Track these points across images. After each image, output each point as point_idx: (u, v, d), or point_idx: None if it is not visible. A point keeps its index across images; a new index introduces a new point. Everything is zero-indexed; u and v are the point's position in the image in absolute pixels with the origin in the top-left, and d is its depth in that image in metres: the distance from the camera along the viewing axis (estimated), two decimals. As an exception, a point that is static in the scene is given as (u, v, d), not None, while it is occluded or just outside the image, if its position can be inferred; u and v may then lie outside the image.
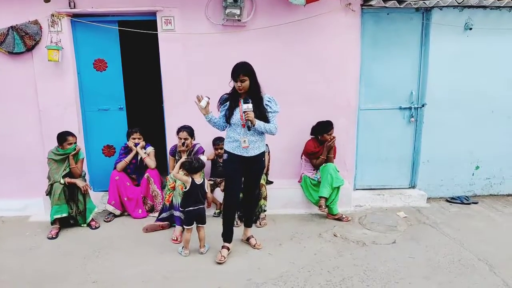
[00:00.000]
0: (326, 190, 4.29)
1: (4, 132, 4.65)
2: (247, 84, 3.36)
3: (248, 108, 3.29)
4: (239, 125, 3.40)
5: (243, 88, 3.36)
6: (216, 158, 4.64)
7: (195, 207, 3.60)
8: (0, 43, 4.38)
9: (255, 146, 3.45)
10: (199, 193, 3.62)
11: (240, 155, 3.44)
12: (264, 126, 3.40)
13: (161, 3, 4.41)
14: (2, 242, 4.01)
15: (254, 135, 3.42)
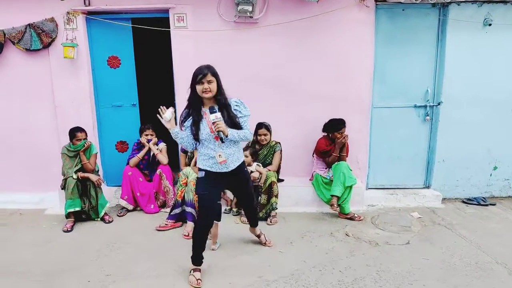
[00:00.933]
0: (338, 188, 4.25)
1: (21, 127, 4.75)
2: (214, 86, 2.93)
3: (217, 117, 2.86)
4: (211, 140, 2.97)
5: (211, 90, 2.91)
6: None
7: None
8: (18, 41, 4.47)
9: (234, 158, 3.07)
10: None
11: (220, 171, 3.03)
12: (238, 134, 2.99)
13: (174, 1, 4.43)
14: (20, 234, 4.10)
15: (230, 146, 3.03)
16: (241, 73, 4.60)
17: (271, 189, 4.21)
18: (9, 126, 4.75)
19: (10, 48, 4.56)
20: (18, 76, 4.64)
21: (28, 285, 3.16)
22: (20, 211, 4.69)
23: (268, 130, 4.40)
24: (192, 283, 3.09)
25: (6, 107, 4.70)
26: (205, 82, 2.90)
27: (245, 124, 3.08)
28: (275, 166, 4.41)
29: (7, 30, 4.46)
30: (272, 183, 4.21)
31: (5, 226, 4.30)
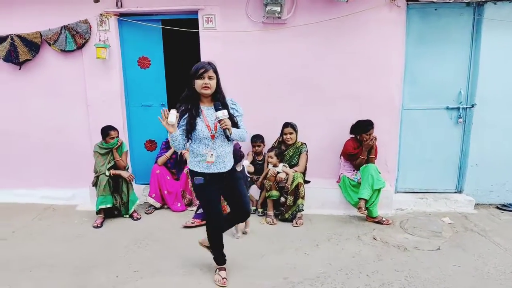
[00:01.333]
0: (366, 191, 4.18)
1: (56, 125, 4.92)
2: (214, 83, 2.82)
3: (225, 115, 2.72)
4: (208, 138, 2.83)
5: (211, 87, 2.80)
6: (253, 156, 4.66)
7: None
8: (54, 42, 4.64)
9: (230, 158, 2.97)
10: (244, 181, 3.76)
11: (219, 172, 2.90)
12: (238, 133, 2.88)
13: (203, 2, 4.48)
14: (53, 229, 4.25)
15: (227, 145, 2.91)
16: (268, 74, 4.60)
17: (298, 190, 4.19)
18: (45, 125, 4.93)
19: (46, 49, 4.73)
20: (53, 76, 4.81)
21: (60, 278, 3.27)
22: (53, 207, 4.86)
23: (294, 129, 4.38)
24: (218, 282, 3.11)
25: (42, 106, 4.88)
26: (206, 77, 2.78)
27: (241, 124, 2.97)
28: (301, 167, 4.38)
29: (43, 31, 4.63)
30: (299, 184, 4.18)
31: (40, 220, 4.47)
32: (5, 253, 3.70)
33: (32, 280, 3.23)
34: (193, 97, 2.86)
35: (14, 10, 4.65)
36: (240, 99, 4.55)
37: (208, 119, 2.83)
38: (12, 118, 4.95)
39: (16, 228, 4.23)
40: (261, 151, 4.65)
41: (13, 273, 3.34)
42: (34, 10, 4.63)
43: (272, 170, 4.26)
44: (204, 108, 2.87)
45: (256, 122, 4.65)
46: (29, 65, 4.78)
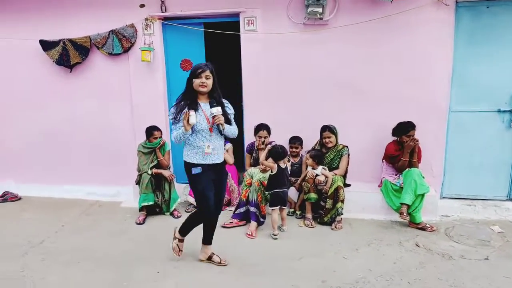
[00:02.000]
0: (408, 196, 4.04)
1: (103, 125, 5.15)
2: (211, 82, 3.09)
3: (219, 111, 3.02)
4: (206, 131, 3.08)
5: (207, 86, 3.07)
6: (290, 158, 4.63)
7: (280, 189, 3.92)
8: (102, 46, 4.86)
9: (221, 151, 3.25)
10: (285, 176, 3.94)
11: (214, 163, 3.16)
12: (229, 129, 3.17)
13: (245, 5, 4.53)
14: (99, 224, 4.45)
15: (220, 140, 3.19)
16: (309, 75, 4.58)
17: (337, 193, 4.12)
18: (93, 124, 5.17)
19: (95, 53, 4.97)
20: (101, 78, 5.04)
21: (104, 270, 3.42)
22: (99, 203, 5.09)
23: (333, 132, 4.31)
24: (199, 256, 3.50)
25: (90, 107, 5.13)
26: (203, 76, 3.05)
27: (233, 121, 3.27)
28: (342, 171, 4.30)
29: (92, 36, 4.87)
30: (339, 187, 4.11)
31: (87, 215, 4.69)
32: (55, 245, 3.92)
33: (80, 271, 3.39)
34: (191, 94, 3.13)
35: (67, 16, 4.92)
36: (280, 101, 4.66)
37: (207, 114, 3.09)
38: (63, 118, 5.23)
39: (65, 222, 4.47)
40: (298, 153, 4.62)
41: (63, 264, 3.53)
42: (85, 15, 4.88)
43: (311, 172, 4.22)
44: (202, 104, 3.14)
45: (296, 124, 4.66)
46: (79, 68, 5.04)
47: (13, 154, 5.48)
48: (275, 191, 3.95)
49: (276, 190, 3.95)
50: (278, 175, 3.95)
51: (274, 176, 3.96)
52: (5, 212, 4.84)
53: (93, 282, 3.24)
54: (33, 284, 3.23)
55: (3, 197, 5.23)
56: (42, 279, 3.29)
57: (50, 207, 4.97)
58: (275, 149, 3.98)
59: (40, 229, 4.29)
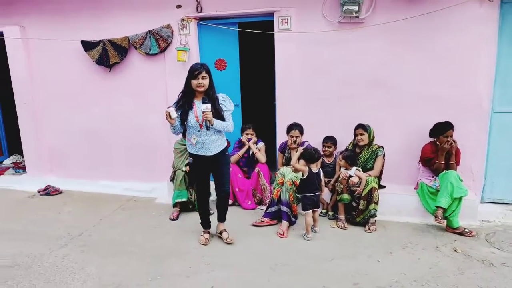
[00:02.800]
0: (444, 199, 3.89)
1: (139, 123, 5.30)
2: (207, 82, 3.40)
3: (207, 108, 3.32)
4: (197, 127, 3.45)
5: (204, 86, 3.39)
6: (323, 159, 4.58)
7: (312, 194, 3.85)
8: (140, 46, 5.00)
9: (217, 144, 3.54)
10: (316, 181, 3.86)
11: (205, 155, 3.53)
12: (221, 124, 3.46)
13: (279, 4, 4.52)
14: (134, 219, 4.58)
15: (215, 134, 3.50)
16: (343, 74, 4.51)
17: (371, 195, 4.03)
18: (130, 122, 5.34)
19: (132, 53, 5.13)
20: (138, 78, 5.19)
21: (139, 264, 3.52)
22: (134, 198, 5.23)
23: (366, 130, 4.21)
24: (201, 241, 3.85)
25: (128, 105, 5.30)
26: (200, 78, 3.35)
27: (228, 117, 3.55)
28: (376, 172, 4.20)
29: (131, 36, 5.02)
30: (373, 189, 4.03)
31: (123, 210, 4.84)
32: (93, 238, 4.07)
33: (115, 265, 3.51)
34: (189, 93, 3.48)
35: (107, 17, 5.11)
36: (314, 100, 4.63)
37: (198, 112, 3.43)
38: (102, 116, 5.44)
39: (103, 216, 4.63)
40: (332, 152, 4.56)
41: (100, 256, 3.66)
42: (124, 16, 5.05)
43: (344, 173, 4.16)
44: (196, 102, 3.49)
45: (330, 124, 4.61)
46: (117, 68, 5.22)
47: (56, 150, 5.76)
48: (306, 195, 3.89)
49: (307, 194, 3.89)
50: (309, 179, 3.87)
51: (305, 180, 3.88)
52: (47, 205, 5.08)
53: (128, 275, 3.35)
54: (72, 274, 3.37)
55: (45, 190, 5.49)
56: (81, 269, 3.44)
57: (89, 201, 5.17)
58: (307, 151, 3.92)
59: (79, 222, 4.47)
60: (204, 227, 3.96)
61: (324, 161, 4.55)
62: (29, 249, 3.82)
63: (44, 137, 5.76)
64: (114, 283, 3.22)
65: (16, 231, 4.25)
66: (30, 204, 5.17)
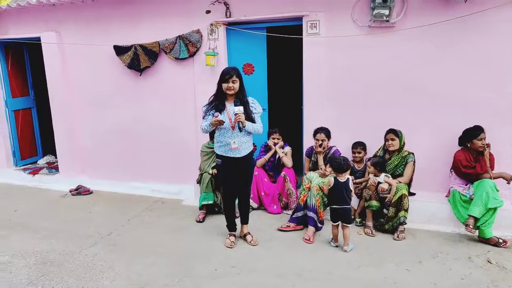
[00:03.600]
0: (477, 209, 3.76)
1: (168, 126, 5.38)
2: (237, 85, 3.51)
3: (240, 110, 3.45)
4: (228, 128, 3.54)
5: (234, 89, 3.51)
6: (353, 165, 4.51)
7: (338, 206, 3.73)
8: (169, 51, 5.10)
9: (246, 146, 3.64)
10: (344, 192, 3.71)
11: (233, 157, 3.61)
12: (252, 126, 3.58)
13: (308, 8, 4.51)
14: (161, 220, 4.65)
15: (245, 136, 3.60)
16: (373, 79, 4.44)
17: (401, 202, 3.94)
18: (159, 125, 5.43)
19: (163, 57, 5.23)
20: (167, 82, 5.29)
21: (165, 264, 3.58)
22: (162, 200, 5.31)
23: (397, 135, 4.13)
24: (227, 244, 3.88)
25: (157, 108, 5.39)
26: (231, 81, 3.48)
27: (258, 120, 3.66)
28: (406, 178, 4.09)
29: (161, 41, 5.13)
30: (403, 195, 3.93)
31: (150, 211, 4.93)
32: (122, 238, 4.17)
33: (143, 264, 3.57)
34: (221, 96, 3.60)
35: (139, 23, 5.23)
36: (343, 105, 4.58)
37: (230, 114, 3.55)
38: (132, 119, 5.56)
39: (131, 216, 4.73)
40: (362, 158, 4.49)
41: (128, 255, 3.74)
42: (155, 22, 5.16)
43: (372, 179, 4.08)
44: (228, 104, 3.61)
45: (358, 129, 4.54)
46: (148, 72, 5.33)
47: (88, 151, 5.94)
48: (332, 207, 3.79)
49: (334, 206, 3.77)
50: (335, 189, 3.74)
51: (332, 190, 3.76)
52: (78, 204, 5.24)
53: (155, 275, 3.40)
54: (101, 272, 3.46)
55: (77, 190, 5.66)
56: (109, 268, 3.52)
57: (118, 201, 5.29)
58: (336, 160, 3.78)
59: (109, 221, 4.58)
60: (229, 230, 3.98)
61: (354, 167, 4.48)
62: (61, 246, 3.95)
63: (76, 139, 5.95)
64: (142, 283, 3.29)
65: (49, 229, 4.40)
66: (62, 203, 5.35)
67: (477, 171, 3.97)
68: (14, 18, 5.87)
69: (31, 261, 3.69)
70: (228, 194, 3.90)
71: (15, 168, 6.51)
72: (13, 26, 5.93)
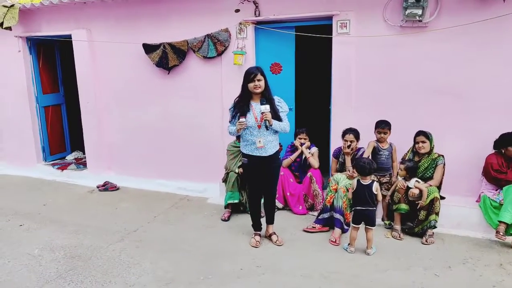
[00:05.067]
0: (508, 214, 3.67)
1: (195, 124, 5.42)
2: (263, 84, 3.54)
3: (266, 109, 3.48)
4: (255, 127, 3.57)
5: (260, 87, 3.53)
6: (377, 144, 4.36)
7: (362, 208, 3.67)
8: (198, 49, 5.14)
9: (272, 145, 3.66)
10: (366, 194, 3.65)
11: (259, 155, 3.63)
12: (279, 125, 3.60)
13: (338, 8, 4.47)
14: (187, 217, 4.69)
15: (271, 134, 3.62)
16: (404, 80, 4.36)
17: (433, 205, 3.86)
18: (186, 123, 5.47)
19: (191, 56, 5.27)
20: (195, 80, 5.32)
21: (191, 262, 3.61)
22: (187, 198, 5.35)
23: (428, 138, 4.03)
24: (252, 243, 3.88)
25: (184, 106, 5.43)
26: (256, 80, 3.51)
27: (285, 118, 3.69)
28: (436, 181, 4.00)
29: (190, 40, 5.17)
30: (435, 199, 3.85)
31: (176, 208, 4.97)
32: (148, 234, 4.22)
33: (168, 261, 3.62)
34: (246, 95, 3.63)
35: (167, 21, 5.29)
36: (372, 106, 4.52)
37: (256, 113, 3.58)
38: (159, 117, 5.63)
39: (157, 213, 4.78)
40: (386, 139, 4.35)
41: (154, 252, 3.79)
42: (184, 20, 5.20)
43: (402, 183, 4.00)
44: (254, 103, 3.64)
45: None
46: (176, 70, 5.38)
47: (115, 148, 6.04)
48: (356, 208, 3.73)
49: (357, 208, 3.71)
50: (358, 192, 3.68)
51: (354, 192, 3.71)
52: (106, 200, 5.34)
53: (181, 272, 3.44)
54: (128, 268, 3.52)
55: (104, 186, 5.77)
56: (136, 264, 3.57)
57: (144, 198, 5.36)
58: (359, 162, 3.72)
59: (135, 218, 4.65)
60: (255, 229, 3.99)
61: (379, 147, 4.32)
62: (88, 241, 4.04)
63: (104, 135, 6.06)
64: (167, 279, 3.32)
65: (77, 224, 4.49)
66: (90, 198, 5.46)
67: (508, 177, 3.88)
68: (46, 16, 6.02)
69: (60, 255, 3.78)
70: (254, 193, 3.91)
71: (45, 163, 6.68)
72: (45, 24, 6.08)
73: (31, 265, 3.60)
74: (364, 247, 3.73)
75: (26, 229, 4.41)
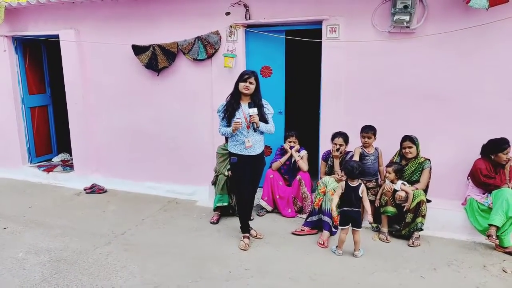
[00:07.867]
0: (499, 218, 3.74)
1: (184, 127, 5.39)
2: (253, 87, 3.73)
3: (254, 112, 3.67)
4: (244, 127, 3.74)
5: (250, 89, 3.71)
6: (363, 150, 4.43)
7: (348, 208, 3.72)
8: (188, 51, 5.12)
9: (259, 145, 3.86)
10: (352, 196, 3.71)
11: (248, 155, 3.79)
12: (265, 126, 3.81)
13: (328, 12, 4.51)
14: (175, 220, 4.67)
15: (258, 135, 3.82)
16: (392, 85, 4.42)
17: (419, 208, 3.93)
18: (175, 126, 5.44)
19: (181, 58, 5.24)
20: (184, 82, 5.30)
21: (179, 265, 3.60)
22: (176, 200, 5.33)
23: (414, 143, 4.11)
24: (241, 246, 3.90)
25: (173, 109, 5.41)
26: (248, 81, 3.70)
27: (270, 120, 3.89)
28: (423, 185, 4.08)
29: (180, 42, 5.15)
30: (421, 202, 3.92)
31: (165, 211, 4.95)
32: (136, 237, 4.19)
33: (157, 264, 3.60)
34: (237, 95, 3.81)
35: (157, 23, 5.26)
36: (360, 110, 4.57)
37: (246, 114, 3.74)
38: (148, 119, 5.58)
39: (145, 216, 4.75)
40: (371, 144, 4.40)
41: (142, 255, 3.76)
42: (174, 22, 5.17)
43: (389, 186, 4.06)
44: (243, 104, 3.81)
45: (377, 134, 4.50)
46: (165, 72, 5.35)
47: (103, 150, 5.97)
48: (342, 209, 3.77)
49: (344, 209, 3.77)
50: (346, 194, 3.74)
51: (343, 194, 3.76)
52: (93, 203, 5.27)
53: (169, 275, 3.42)
54: (115, 271, 3.48)
55: (91, 188, 5.70)
56: (123, 267, 3.55)
57: (132, 201, 5.32)
58: (349, 164, 3.77)
59: (123, 221, 4.61)
60: (243, 231, 4.01)
61: (365, 152, 4.38)
62: (75, 244, 3.99)
63: (92, 137, 5.98)
64: (155, 283, 3.30)
65: (63, 227, 4.43)
66: (76, 201, 5.39)
67: (497, 182, 3.95)
68: (33, 15, 5.93)
69: (45, 258, 3.72)
70: (243, 194, 3.97)
71: (30, 165, 6.56)
72: (32, 23, 5.98)
73: (14, 269, 3.54)
74: (352, 249, 3.76)
75: (10, 232, 4.33)
